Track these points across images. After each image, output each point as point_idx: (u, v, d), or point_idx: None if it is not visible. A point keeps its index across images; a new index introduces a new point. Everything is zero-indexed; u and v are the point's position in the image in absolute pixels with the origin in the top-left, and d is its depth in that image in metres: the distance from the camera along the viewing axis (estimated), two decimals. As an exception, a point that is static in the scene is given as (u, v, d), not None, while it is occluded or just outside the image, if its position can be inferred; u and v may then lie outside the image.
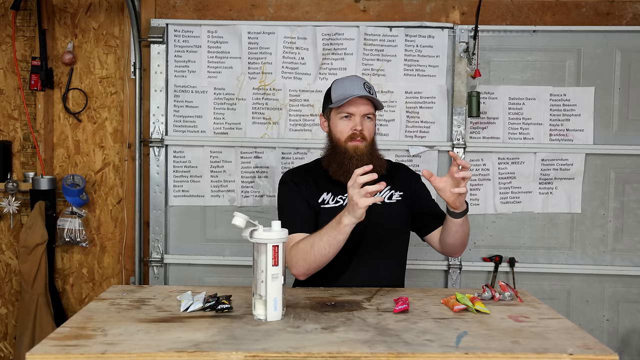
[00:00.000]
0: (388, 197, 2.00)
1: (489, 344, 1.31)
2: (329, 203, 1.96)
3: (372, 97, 1.91)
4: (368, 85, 1.94)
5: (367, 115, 1.93)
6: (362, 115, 1.91)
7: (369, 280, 1.90)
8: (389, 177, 1.97)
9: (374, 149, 1.96)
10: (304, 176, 2.01)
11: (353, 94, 1.88)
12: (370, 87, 1.95)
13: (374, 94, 1.94)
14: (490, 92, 2.93)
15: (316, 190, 1.97)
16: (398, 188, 2.02)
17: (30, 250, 2.84)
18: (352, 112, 1.91)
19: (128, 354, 1.23)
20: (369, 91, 1.92)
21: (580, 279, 2.96)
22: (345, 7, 2.96)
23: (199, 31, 2.94)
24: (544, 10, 2.92)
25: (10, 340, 3.06)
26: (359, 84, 1.92)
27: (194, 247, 3.00)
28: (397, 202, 2.00)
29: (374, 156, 1.92)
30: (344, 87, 1.94)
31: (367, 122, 1.93)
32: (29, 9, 2.94)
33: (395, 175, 2.05)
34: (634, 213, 2.94)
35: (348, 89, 1.91)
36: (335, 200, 1.97)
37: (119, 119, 3.02)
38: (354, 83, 1.93)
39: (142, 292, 1.74)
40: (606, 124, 2.93)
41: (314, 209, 1.94)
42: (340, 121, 1.93)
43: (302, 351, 1.25)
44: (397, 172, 2.07)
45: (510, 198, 2.95)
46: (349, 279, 1.91)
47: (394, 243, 2.00)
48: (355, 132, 1.90)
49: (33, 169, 2.98)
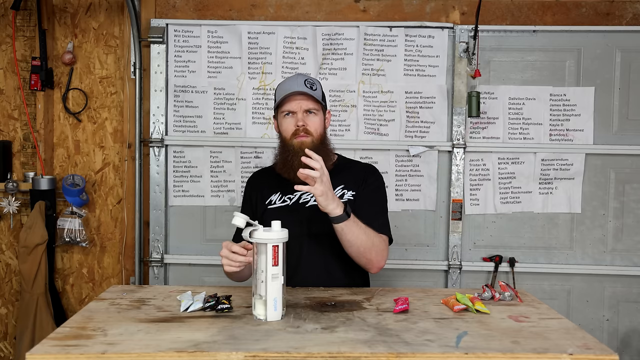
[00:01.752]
0: (339, 197, 1.93)
1: (489, 344, 1.31)
2: (275, 203, 1.98)
3: (307, 92, 1.89)
4: (310, 82, 1.93)
5: (310, 110, 1.91)
6: (304, 111, 1.90)
7: (323, 280, 1.87)
8: (341, 175, 1.96)
9: (323, 144, 1.94)
10: (261, 178, 2.08)
11: (291, 91, 1.89)
12: (313, 82, 1.94)
13: (316, 89, 1.93)
14: (490, 92, 2.93)
15: (267, 192, 2.00)
16: (351, 187, 1.98)
17: (30, 250, 2.84)
18: (293, 109, 1.90)
19: (128, 354, 1.24)
20: (311, 87, 1.91)
21: (580, 279, 2.96)
22: (345, 7, 2.96)
23: (199, 31, 2.94)
24: (544, 10, 2.92)
25: (10, 340, 3.06)
26: (300, 81, 1.92)
27: (194, 247, 3.00)
28: (347, 202, 1.92)
29: (320, 151, 1.86)
30: (284, 86, 1.95)
31: (311, 117, 1.91)
32: (29, 9, 2.94)
33: (351, 173, 2.01)
34: (634, 213, 2.94)
35: (287, 87, 1.92)
36: (283, 199, 1.98)
37: (119, 119, 3.02)
38: (294, 81, 1.93)
39: (142, 292, 1.74)
40: (606, 124, 2.92)
41: (259, 212, 1.96)
42: (284, 120, 1.93)
43: (302, 351, 1.25)
44: (353, 170, 2.03)
45: (510, 198, 2.95)
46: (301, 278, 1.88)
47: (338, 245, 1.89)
48: (298, 127, 1.89)
49: (33, 169, 2.98)
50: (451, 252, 2.92)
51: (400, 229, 2.90)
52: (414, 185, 2.94)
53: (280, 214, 1.93)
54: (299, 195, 1.96)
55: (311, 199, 1.94)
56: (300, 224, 1.90)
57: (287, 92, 1.90)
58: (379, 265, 1.87)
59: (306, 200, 1.95)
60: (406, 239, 2.95)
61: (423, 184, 2.94)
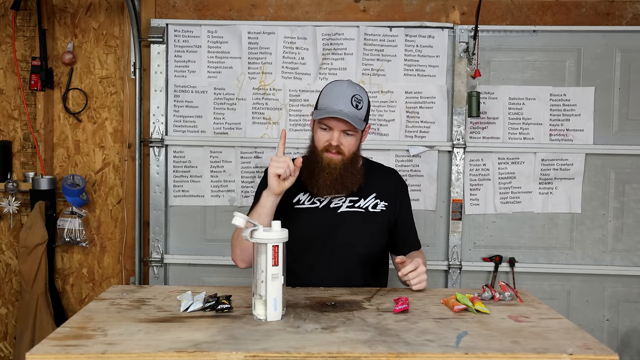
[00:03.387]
0: (372, 206, 1.96)
1: (489, 344, 1.31)
2: (304, 203, 1.94)
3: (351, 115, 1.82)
4: (358, 99, 1.85)
5: (347, 132, 1.86)
6: (341, 131, 1.85)
7: (342, 285, 1.87)
8: (371, 181, 1.96)
9: (352, 163, 1.90)
10: None
11: (334, 110, 1.82)
12: (361, 99, 1.87)
13: (361, 108, 1.85)
14: (490, 92, 2.93)
15: (293, 189, 1.88)
16: (383, 198, 1.98)
17: (30, 250, 2.84)
18: (331, 125, 1.85)
19: (128, 354, 1.23)
20: (357, 105, 1.84)
21: (580, 279, 2.96)
22: (345, 7, 2.96)
23: (199, 31, 2.94)
24: (544, 10, 2.92)
25: (10, 340, 3.06)
26: (347, 97, 1.84)
27: (194, 247, 3.00)
28: (381, 212, 1.97)
29: (347, 171, 1.87)
30: (330, 97, 1.87)
31: (347, 138, 1.87)
32: (29, 9, 2.94)
33: (380, 180, 2.01)
34: (634, 213, 2.94)
35: (333, 101, 1.84)
36: (312, 201, 1.94)
37: (119, 119, 3.02)
38: (341, 96, 1.84)
39: (142, 292, 1.74)
40: (606, 124, 2.92)
41: (283, 208, 1.89)
42: (319, 130, 1.89)
43: (302, 351, 1.25)
44: (381, 177, 2.03)
45: (510, 198, 2.95)
46: (319, 280, 1.87)
47: (368, 250, 1.94)
48: (330, 145, 1.86)
49: (33, 169, 2.98)
50: (451, 252, 2.92)
51: (400, 229, 2.90)
52: (414, 185, 2.94)
53: (308, 214, 1.91)
54: (329, 199, 1.93)
55: (343, 204, 1.93)
56: (329, 228, 1.90)
57: (331, 110, 1.82)
58: None
59: (338, 206, 1.93)
60: (406, 239, 2.95)
61: (423, 184, 2.94)
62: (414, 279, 1.75)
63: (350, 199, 1.94)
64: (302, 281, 1.86)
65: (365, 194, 1.95)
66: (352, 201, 1.94)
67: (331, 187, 1.86)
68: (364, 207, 1.94)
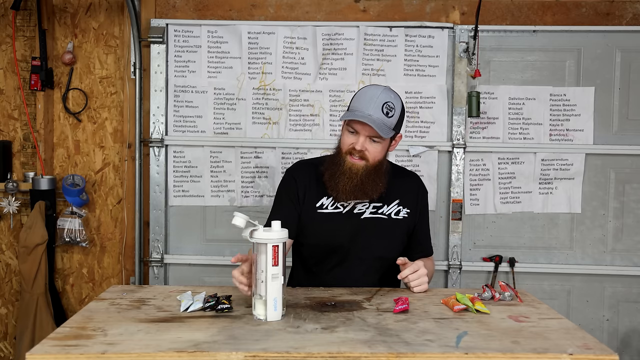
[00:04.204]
0: (395, 213, 1.95)
1: (489, 344, 1.31)
2: (327, 208, 1.93)
3: (379, 122, 1.79)
4: (389, 106, 1.81)
5: (373, 138, 1.82)
6: (367, 136, 1.82)
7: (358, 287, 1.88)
8: (395, 188, 1.95)
9: (377, 169, 1.86)
10: (309, 173, 1.96)
11: (362, 114, 1.79)
12: (392, 107, 1.81)
13: (392, 116, 1.81)
14: (490, 92, 2.93)
15: (316, 193, 1.92)
16: (406, 204, 1.97)
17: (30, 250, 2.84)
18: (358, 129, 1.82)
19: (128, 354, 1.24)
20: (387, 113, 1.80)
21: (580, 279, 2.96)
22: (345, 7, 2.96)
23: (199, 31, 2.94)
24: (544, 10, 2.92)
25: (10, 340, 3.06)
26: (378, 103, 1.80)
27: (194, 247, 3.00)
28: (403, 219, 1.96)
29: (369, 178, 1.85)
30: (361, 100, 1.83)
31: (372, 144, 1.83)
32: (29, 9, 2.94)
33: (404, 186, 1.99)
34: (634, 213, 2.94)
35: (363, 105, 1.81)
36: (336, 206, 1.92)
37: (119, 119, 3.02)
38: (373, 101, 1.80)
39: (142, 292, 1.74)
40: (606, 124, 2.92)
41: (306, 212, 1.90)
42: (346, 133, 1.87)
43: (302, 351, 1.25)
44: (406, 183, 2.01)
45: (510, 198, 2.95)
46: (336, 282, 1.89)
47: (388, 256, 1.93)
48: (354, 149, 1.84)
49: (33, 169, 2.98)
50: (451, 252, 2.92)
51: (400, 229, 2.90)
52: (414, 185, 2.94)
53: (331, 219, 1.90)
54: (353, 204, 1.92)
55: (367, 210, 1.93)
56: (352, 234, 1.90)
57: (360, 113, 1.79)
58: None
59: (361, 212, 1.92)
60: (406, 239, 2.95)
61: (423, 184, 2.94)
62: (414, 281, 1.76)
63: (374, 204, 1.93)
64: (322, 283, 1.89)
65: (388, 200, 1.94)
66: (375, 207, 1.93)
67: (350, 192, 1.85)
68: (387, 214, 1.94)
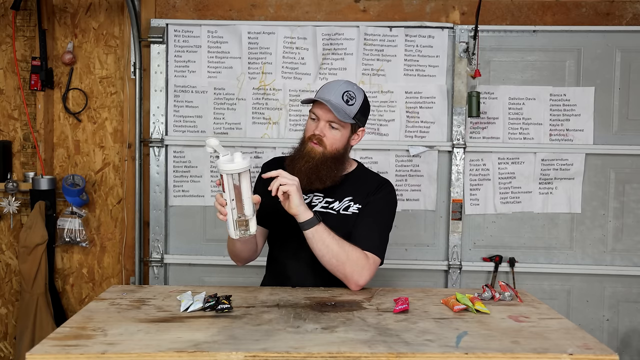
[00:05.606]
0: (344, 209, 1.93)
1: (489, 344, 1.31)
2: None
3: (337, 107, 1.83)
4: (349, 95, 1.87)
5: (332, 124, 1.86)
6: (327, 121, 1.86)
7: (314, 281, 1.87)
8: (354, 186, 1.95)
9: (334, 159, 1.88)
10: (277, 165, 1.97)
11: (323, 98, 1.85)
12: (352, 96, 1.87)
13: (352, 105, 1.86)
14: (490, 92, 2.93)
15: None
16: (359, 200, 1.95)
17: (30, 250, 2.84)
18: (318, 115, 1.88)
19: (128, 354, 1.24)
20: (347, 101, 1.85)
21: (580, 279, 2.96)
22: (345, 7, 2.96)
23: (199, 31, 2.94)
24: (544, 10, 2.92)
25: (10, 340, 3.06)
26: (339, 91, 1.87)
27: (194, 247, 3.00)
28: (352, 215, 1.93)
29: (325, 165, 1.86)
30: (324, 89, 1.92)
31: (331, 131, 1.87)
32: (29, 9, 2.94)
33: (364, 185, 1.98)
34: (634, 213, 2.94)
35: (325, 93, 1.88)
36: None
37: (119, 119, 3.02)
38: (335, 89, 1.88)
39: (142, 292, 1.74)
40: (606, 124, 2.92)
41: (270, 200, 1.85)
42: (309, 119, 1.93)
43: (302, 351, 1.25)
44: (367, 183, 1.99)
45: (510, 198, 2.95)
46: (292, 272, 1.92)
47: None
48: (314, 134, 1.88)
49: (33, 169, 2.98)
50: (451, 252, 2.92)
51: (400, 229, 2.90)
52: (413, 185, 2.94)
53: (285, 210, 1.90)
54: (311, 198, 1.94)
55: (319, 204, 1.94)
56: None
57: (321, 97, 1.86)
58: (357, 283, 1.77)
59: (314, 205, 1.94)
60: (406, 239, 2.95)
61: (423, 184, 2.94)
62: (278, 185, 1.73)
63: (327, 199, 1.94)
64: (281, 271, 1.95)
65: (342, 196, 1.94)
66: (327, 202, 1.94)
67: (305, 174, 1.85)
68: (336, 210, 1.93)
